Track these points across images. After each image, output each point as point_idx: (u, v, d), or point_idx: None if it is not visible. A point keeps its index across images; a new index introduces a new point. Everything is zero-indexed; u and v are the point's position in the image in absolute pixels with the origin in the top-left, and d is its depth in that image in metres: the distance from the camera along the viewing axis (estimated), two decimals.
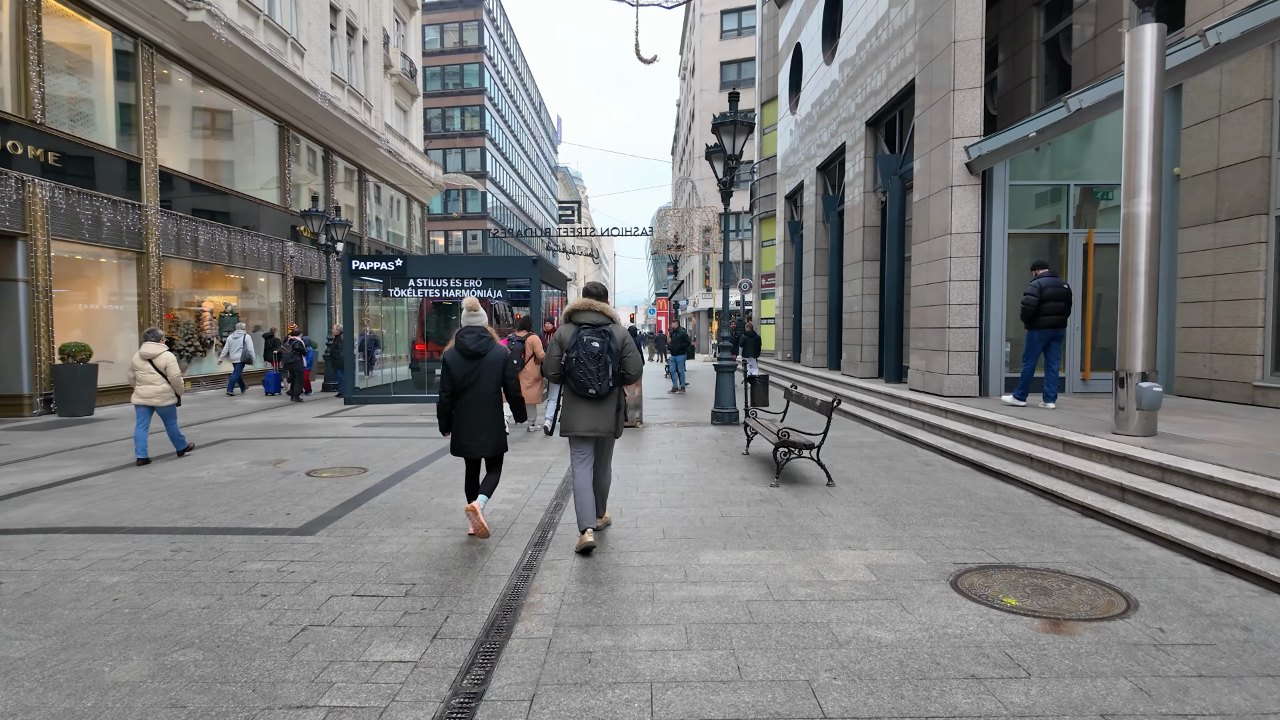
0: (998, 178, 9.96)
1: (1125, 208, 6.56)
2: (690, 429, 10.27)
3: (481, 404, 4.76)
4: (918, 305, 11.14)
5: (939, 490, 6.24)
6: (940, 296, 10.29)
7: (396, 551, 4.59)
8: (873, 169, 13.90)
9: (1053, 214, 10.51)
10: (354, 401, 13.96)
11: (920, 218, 11.09)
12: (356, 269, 13.83)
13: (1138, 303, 6.50)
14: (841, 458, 7.83)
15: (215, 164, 17.94)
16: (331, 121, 21.89)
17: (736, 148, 10.09)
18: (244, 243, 18.32)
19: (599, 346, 4.46)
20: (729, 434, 9.72)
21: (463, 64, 49.91)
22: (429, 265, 14.16)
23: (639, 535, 4.95)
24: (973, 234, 10.03)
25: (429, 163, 33.37)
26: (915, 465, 7.41)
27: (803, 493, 6.17)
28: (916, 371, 11.14)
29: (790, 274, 21.48)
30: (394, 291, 13.85)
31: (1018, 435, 7.43)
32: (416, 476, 6.94)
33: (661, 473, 7.09)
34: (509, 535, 4.95)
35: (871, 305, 13.98)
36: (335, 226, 18.09)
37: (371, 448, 8.62)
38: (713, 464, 7.54)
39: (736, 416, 10.70)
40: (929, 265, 10.70)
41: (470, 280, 13.80)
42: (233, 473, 7.12)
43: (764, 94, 26.30)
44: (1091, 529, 5.05)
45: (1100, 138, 10.39)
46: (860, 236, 14.07)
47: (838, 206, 16.38)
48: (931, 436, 8.67)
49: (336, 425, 10.73)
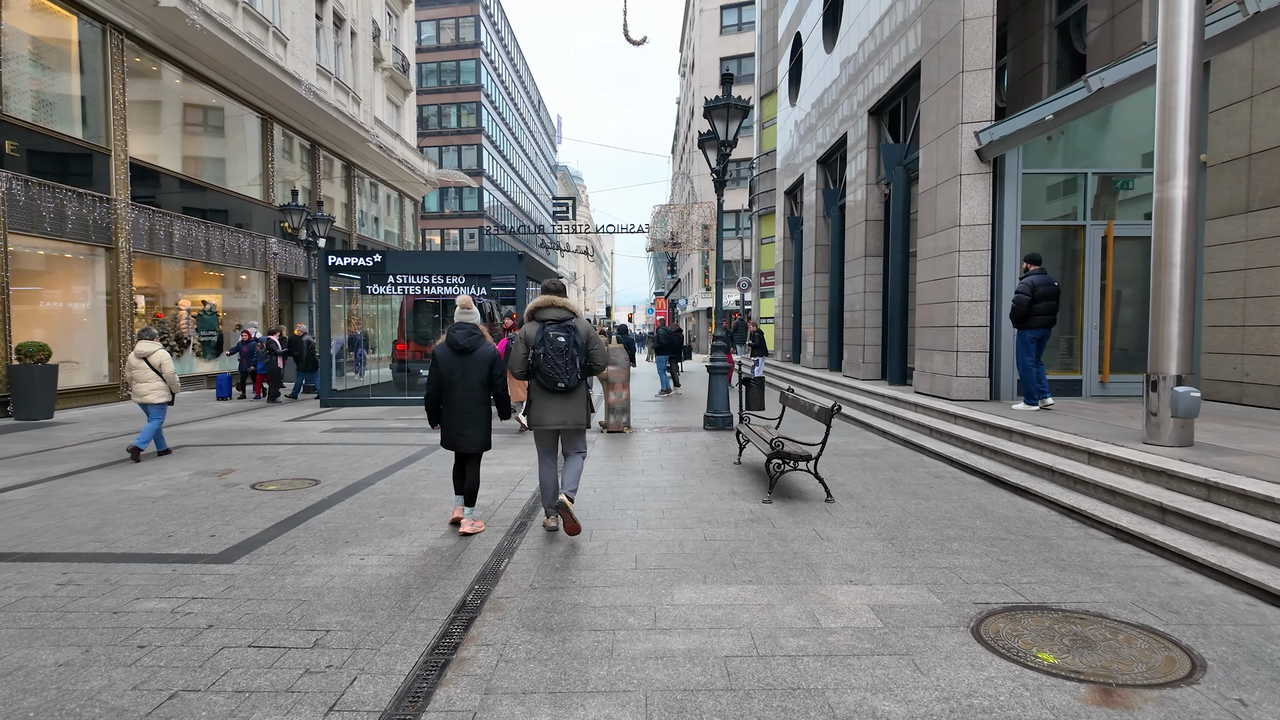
0: (1010, 166, 9.28)
1: (1158, 192, 5.88)
2: (680, 435, 9.61)
3: (469, 400, 4.82)
4: (924, 303, 10.47)
5: (951, 508, 5.57)
6: (948, 293, 9.62)
7: (320, 585, 3.93)
8: (876, 160, 13.23)
9: (1068, 205, 9.83)
10: (331, 404, 13.31)
11: (926, 210, 10.41)
12: (333, 264, 13.17)
13: (1172, 298, 5.83)
14: (842, 468, 7.16)
15: (194, 157, 17.30)
16: (318, 115, 21.25)
17: (730, 133, 9.42)
18: (224, 239, 17.68)
19: (565, 341, 4.60)
20: (721, 440, 9.06)
21: (459, 60, 49.27)
22: (409, 261, 13.51)
23: (607, 564, 4.28)
24: (983, 226, 9.35)
25: (422, 159, 32.73)
26: (923, 477, 6.73)
27: (798, 510, 5.50)
28: (922, 373, 10.46)
29: (790, 272, 20.81)
30: (372, 288, 13.20)
31: (1037, 444, 6.75)
32: (371, 490, 6.28)
33: (643, 485, 6.42)
34: (457, 564, 4.29)
35: (874, 303, 13.30)
36: (318, 222, 17.46)
37: (332, 456, 7.96)
38: (700, 475, 6.87)
39: (730, 421, 10.03)
40: (936, 260, 10.03)
41: (452, 277, 13.15)
42: (171, 485, 6.46)
43: (763, 87, 25.61)
44: (1130, 557, 4.38)
45: (1118, 124, 9.71)
46: (862, 231, 13.39)
47: (839, 201, 15.71)
48: (940, 444, 7.99)
49: (304, 430, 10.07)
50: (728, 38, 39.91)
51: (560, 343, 4.59)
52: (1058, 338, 9.76)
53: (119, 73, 14.05)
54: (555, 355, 4.59)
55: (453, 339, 4.83)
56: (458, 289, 13.16)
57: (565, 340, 4.61)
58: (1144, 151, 9.74)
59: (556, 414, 4.73)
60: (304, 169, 22.28)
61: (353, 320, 20.45)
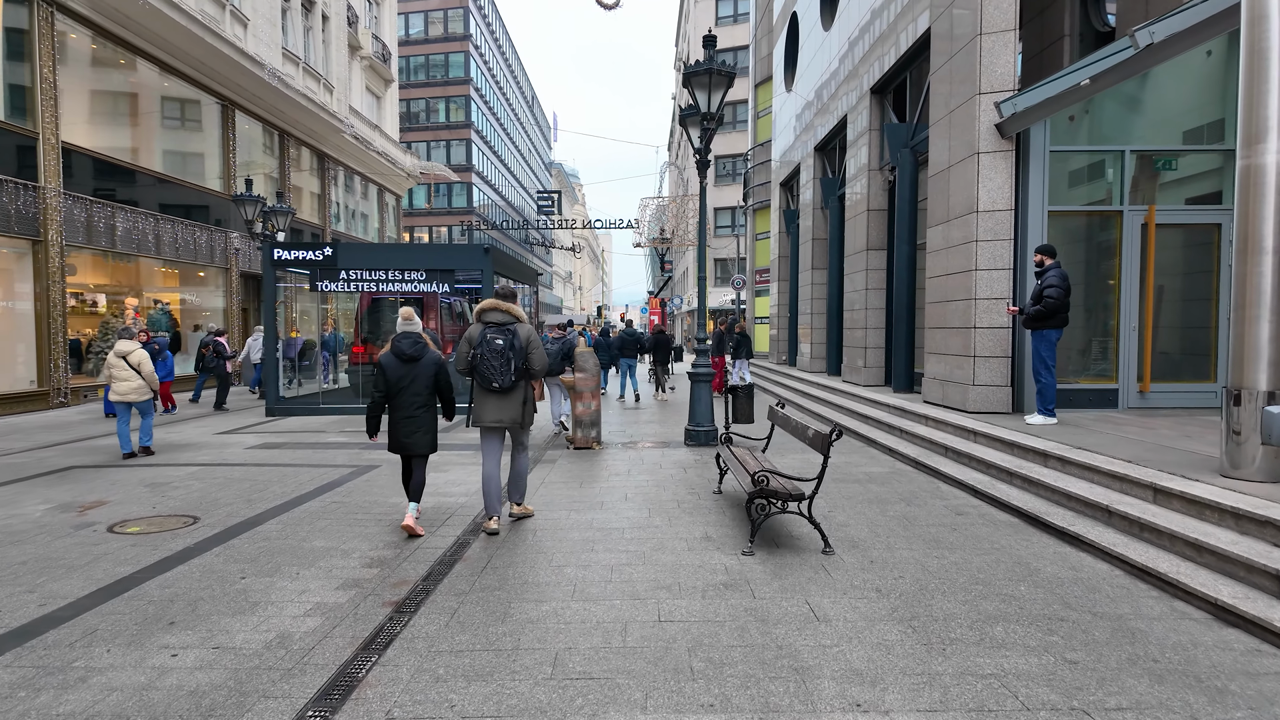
0: (1035, 142, 8.05)
1: (1244, 158, 4.64)
2: (657, 452, 8.36)
3: (416, 405, 5.01)
4: (935, 300, 9.23)
5: (984, 564, 4.32)
6: (964, 289, 8.39)
7: (79, 712, 2.68)
8: (879, 143, 11.99)
9: (1100, 188, 8.59)
10: (278, 413, 12.04)
11: (938, 195, 9.17)
12: (279, 258, 11.92)
13: (1262, 292, 4.59)
14: (842, 499, 5.92)
15: (144, 145, 16.01)
16: (285, 102, 19.98)
17: (713, 104, 8.17)
18: (177, 233, 16.40)
19: (502, 344, 4.86)
20: (702, 460, 7.81)
21: (447, 53, 47.96)
22: (364, 254, 12.26)
23: (513, 670, 3.03)
24: (1005, 212, 8.11)
25: (404, 152, 31.46)
26: (942, 514, 5.49)
27: (787, 567, 4.26)
28: (933, 380, 9.23)
29: (785, 268, 19.57)
30: (323, 285, 11.94)
31: (1081, 473, 5.51)
32: (254, 534, 5.02)
33: (598, 526, 5.18)
34: (301, 668, 3.04)
35: (877, 301, 12.06)
36: (276, 214, 16.19)
37: (238, 481, 6.70)
38: (671, 511, 5.62)
39: (714, 436, 8.79)
40: (949, 252, 8.79)
41: (411, 272, 11.89)
42: (6, 527, 5.20)
43: (758, 74, 24.33)
44: (1248, 656, 3.14)
45: (1153, 99, 8.47)
46: (864, 222, 12.15)
47: (838, 190, 14.46)
48: (958, 468, 6.75)
49: (227, 446, 8.81)
50: (723, 29, 38.59)
51: (497, 345, 4.85)
52: (1088, 341, 8.53)
53: (48, 49, 12.77)
54: (492, 356, 4.85)
55: (399, 348, 5.01)
56: (417, 285, 11.92)
57: (503, 343, 4.86)
58: (1185, 129, 8.52)
59: (494, 412, 5.00)
60: (271, 159, 21.00)
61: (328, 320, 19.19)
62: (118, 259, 15.08)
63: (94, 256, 14.42)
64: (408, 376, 4.98)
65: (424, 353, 5.05)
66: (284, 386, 12.66)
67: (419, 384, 5.00)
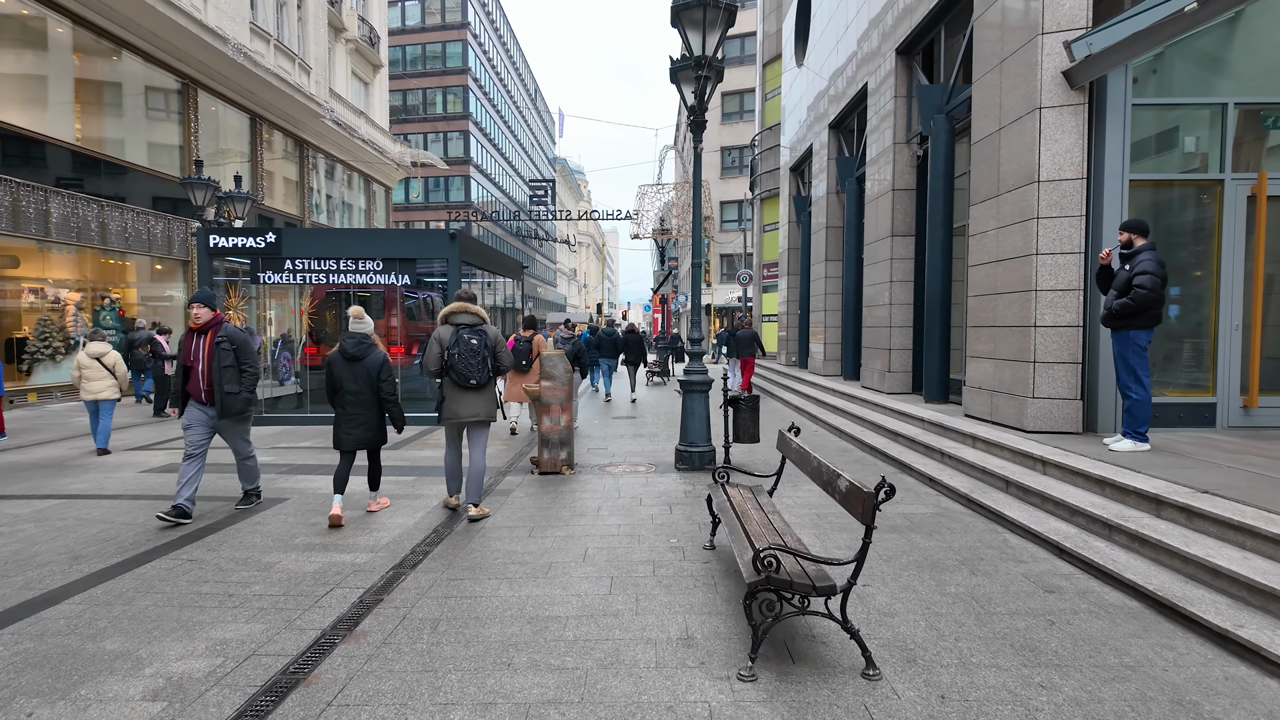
0: (1114, 94, 6.42)
1: None
2: (639, 479, 6.78)
3: (358, 404, 5.23)
4: (980, 293, 7.61)
5: (1121, 702, 2.72)
6: (1020, 279, 6.76)
7: None
8: (906, 111, 10.35)
9: (1193, 152, 6.93)
10: None
11: (984, 165, 7.55)
12: (216, 246, 10.40)
13: None
14: (880, 560, 4.33)
15: (87, 125, 14.53)
16: (255, 82, 18.49)
17: (708, 48, 6.56)
18: (125, 221, 14.93)
19: (477, 343, 5.22)
20: (695, 492, 6.23)
21: (444, 41, 46.39)
22: (313, 241, 10.71)
23: None
24: (1074, 181, 6.49)
25: (392, 140, 29.95)
26: (1026, 591, 3.89)
27: (809, 711, 2.67)
28: (978, 391, 7.60)
29: (795, 261, 17.93)
30: (265, 277, 10.42)
31: (1220, 531, 3.89)
32: (36, 621, 3.47)
33: (533, 614, 3.60)
34: None
35: (904, 295, 10.43)
36: (234, 200, 14.67)
37: (88, 525, 5.15)
38: (643, 583, 4.04)
39: (711, 458, 7.20)
40: (1000, 234, 7.17)
41: (366, 261, 10.35)
42: None
43: (766, 53, 22.65)
44: None
45: (1262, 38, 6.80)
46: (889, 205, 10.52)
47: (857, 170, 12.82)
48: (1028, 511, 5.14)
49: (122, 468, 7.29)
50: None
51: (473, 344, 5.19)
52: (1177, 343, 6.89)
53: None
54: (469, 355, 5.17)
55: (344, 347, 5.22)
56: (374, 276, 10.38)
57: (478, 342, 5.21)
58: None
59: (469, 407, 5.28)
60: (241, 143, 19.52)
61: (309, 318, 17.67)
62: (55, 249, 13.60)
63: (22, 245, 12.93)
64: (350, 375, 5.21)
65: (368, 353, 5.27)
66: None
67: (361, 383, 5.22)
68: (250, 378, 5.38)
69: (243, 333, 5.40)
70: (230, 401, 5.28)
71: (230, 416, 5.34)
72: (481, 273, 14.07)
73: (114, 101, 15.34)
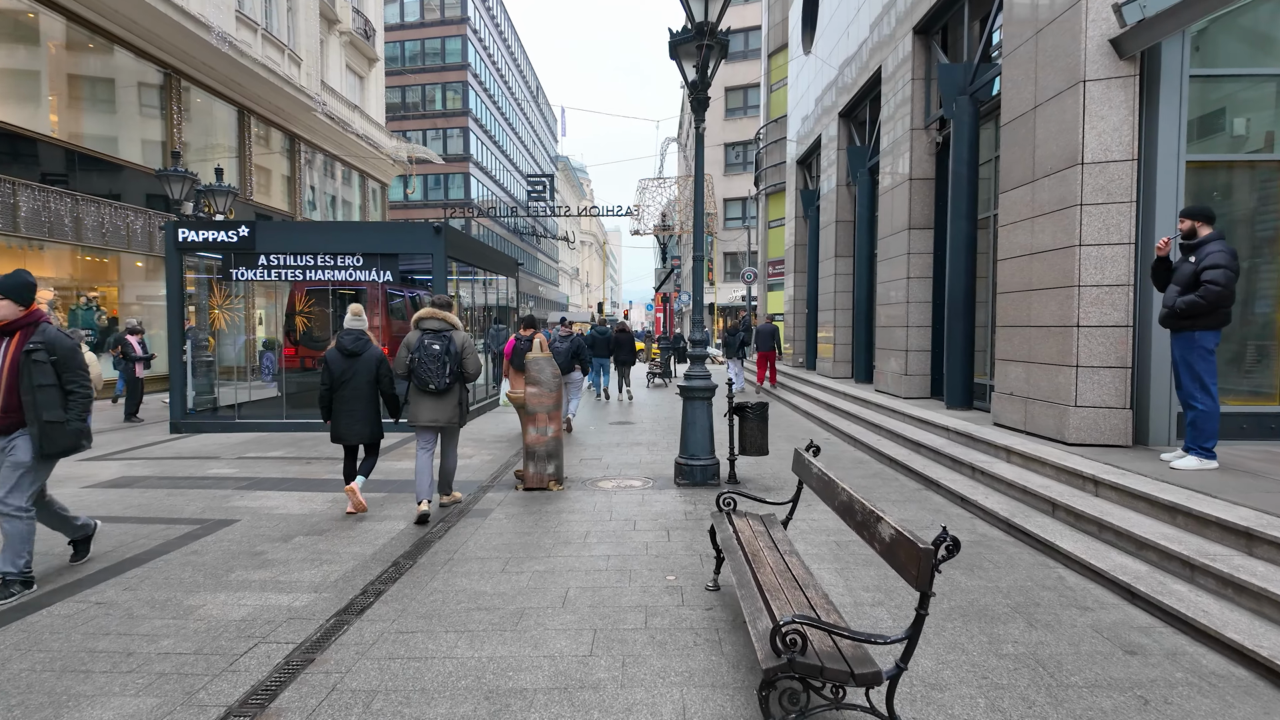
0: (1168, 64, 5.70)
1: None
2: (635, 497, 6.08)
3: (356, 398, 5.38)
4: (1011, 289, 6.89)
5: None
6: (1060, 273, 6.04)
7: None
8: (924, 94, 9.63)
9: (1258, 130, 6.19)
10: (185, 429, 9.86)
11: (1017, 147, 6.82)
12: (185, 240, 9.73)
13: None
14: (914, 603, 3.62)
15: (66, 117, 13.89)
16: (241, 73, 17.83)
17: (711, 14, 5.85)
18: (103, 216, 14.27)
19: (439, 349, 5.27)
20: (697, 513, 5.53)
21: (444, 37, 45.70)
22: (288, 235, 10.01)
23: None
24: (1123, 163, 5.76)
25: (388, 135, 29.29)
26: (1100, 651, 3.18)
27: None
28: (1010, 398, 6.88)
29: (803, 258, 17.20)
30: (239, 273, 9.75)
31: None
32: None
33: (490, 685, 2.91)
34: None
35: (922, 293, 9.71)
36: (215, 194, 14.00)
37: None
38: (632, 640, 3.35)
39: (715, 472, 6.49)
40: (1035, 224, 6.45)
41: (346, 256, 9.68)
42: None
43: (772, 43, 21.91)
44: None
45: None
46: (905, 195, 9.80)
47: (869, 160, 12.09)
48: (1084, 541, 4.42)
49: (67, 481, 6.60)
50: (734, 9, 36.15)
51: (434, 350, 5.26)
52: (1241, 345, 6.16)
53: None
54: (429, 361, 5.25)
55: (342, 344, 5.40)
56: (353, 272, 9.71)
57: (439, 348, 5.27)
58: None
59: (429, 412, 5.37)
60: (230, 137, 18.87)
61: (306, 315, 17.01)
62: (24, 244, 12.96)
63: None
64: (349, 371, 5.36)
65: (365, 349, 5.42)
66: (193, 398, 10.45)
67: (359, 379, 5.37)
68: (79, 401, 3.94)
69: (66, 337, 3.96)
70: (54, 435, 3.84)
71: (54, 455, 3.92)
72: (475, 270, 13.39)
73: (92, 93, 14.70)
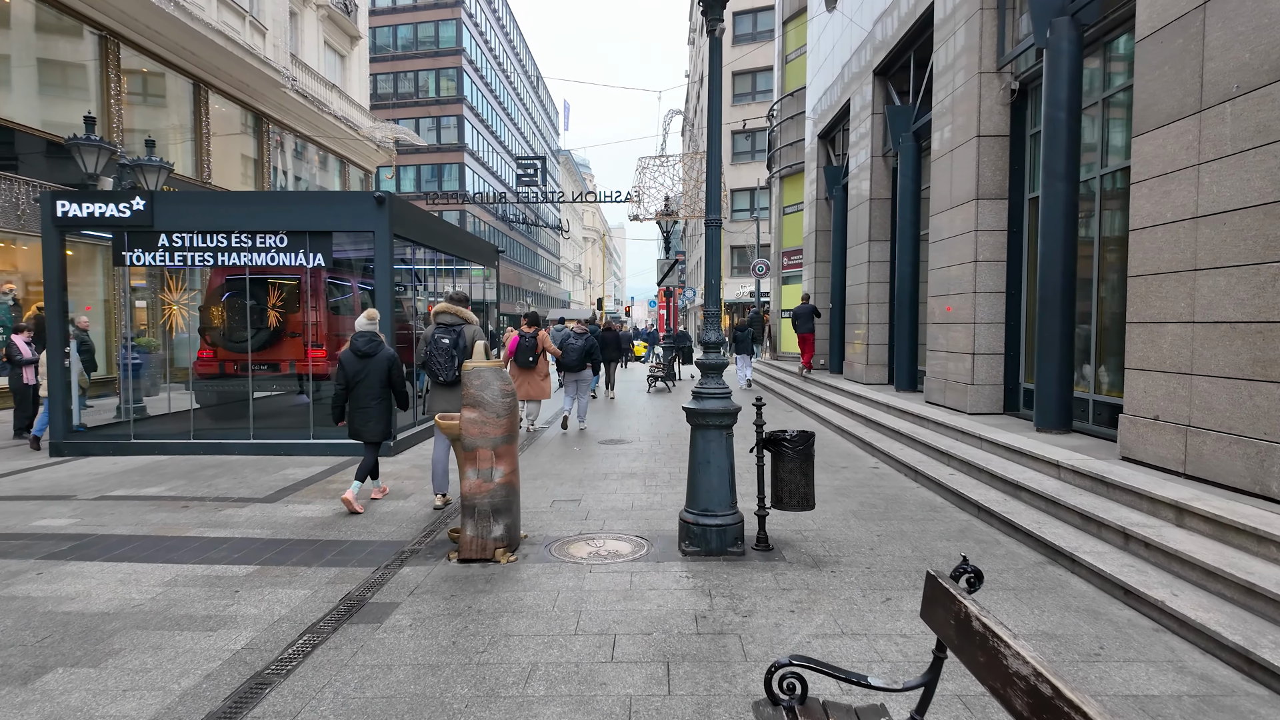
0: None
1: None
2: (621, 575, 4.07)
3: (370, 396, 5.54)
4: (1144, 272, 4.85)
5: None
6: (1248, 248, 4.01)
7: None
8: (995, 29, 7.59)
9: None
10: (68, 451, 7.89)
11: (1160, 71, 4.78)
12: (67, 215, 7.77)
13: None
14: None
15: None
16: (192, 39, 15.85)
17: None
18: (16, 195, 12.33)
19: (448, 343, 5.50)
20: (716, 617, 3.53)
21: (437, 20, 43.62)
22: (197, 210, 8.00)
23: None
24: None
25: (370, 117, 27.31)
26: None
27: None
28: (1152, 426, 4.84)
29: (824, 246, 15.15)
30: (135, 256, 7.79)
31: None
32: None
33: None
34: None
35: (993, 280, 7.68)
36: (144, 170, 12.00)
37: None
38: None
39: (737, 533, 4.48)
40: (1186, 175, 4.40)
41: (267, 236, 7.71)
42: None
43: (786, 9, 19.83)
44: None
45: None
46: (971, 157, 7.76)
47: (913, 122, 10.04)
48: None
49: None
50: None
51: (444, 344, 5.51)
52: None
53: None
54: (439, 354, 5.49)
55: (356, 345, 5.54)
56: (276, 255, 7.74)
57: (449, 342, 5.51)
58: None
59: (442, 403, 5.51)
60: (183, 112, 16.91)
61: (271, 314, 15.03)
62: None
63: None
64: (363, 371, 5.51)
65: (378, 349, 5.57)
66: (81, 412, 8.48)
67: (372, 379, 5.53)
68: None
69: None
70: None
71: None
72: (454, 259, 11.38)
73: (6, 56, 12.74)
